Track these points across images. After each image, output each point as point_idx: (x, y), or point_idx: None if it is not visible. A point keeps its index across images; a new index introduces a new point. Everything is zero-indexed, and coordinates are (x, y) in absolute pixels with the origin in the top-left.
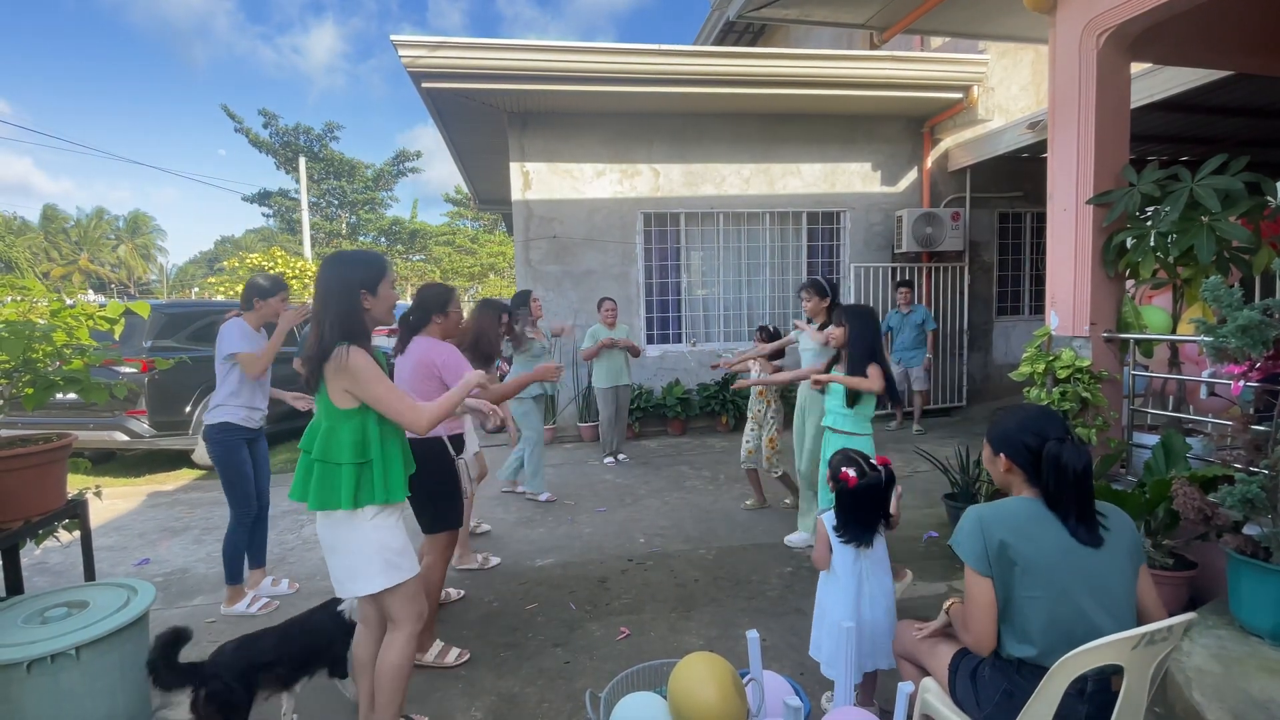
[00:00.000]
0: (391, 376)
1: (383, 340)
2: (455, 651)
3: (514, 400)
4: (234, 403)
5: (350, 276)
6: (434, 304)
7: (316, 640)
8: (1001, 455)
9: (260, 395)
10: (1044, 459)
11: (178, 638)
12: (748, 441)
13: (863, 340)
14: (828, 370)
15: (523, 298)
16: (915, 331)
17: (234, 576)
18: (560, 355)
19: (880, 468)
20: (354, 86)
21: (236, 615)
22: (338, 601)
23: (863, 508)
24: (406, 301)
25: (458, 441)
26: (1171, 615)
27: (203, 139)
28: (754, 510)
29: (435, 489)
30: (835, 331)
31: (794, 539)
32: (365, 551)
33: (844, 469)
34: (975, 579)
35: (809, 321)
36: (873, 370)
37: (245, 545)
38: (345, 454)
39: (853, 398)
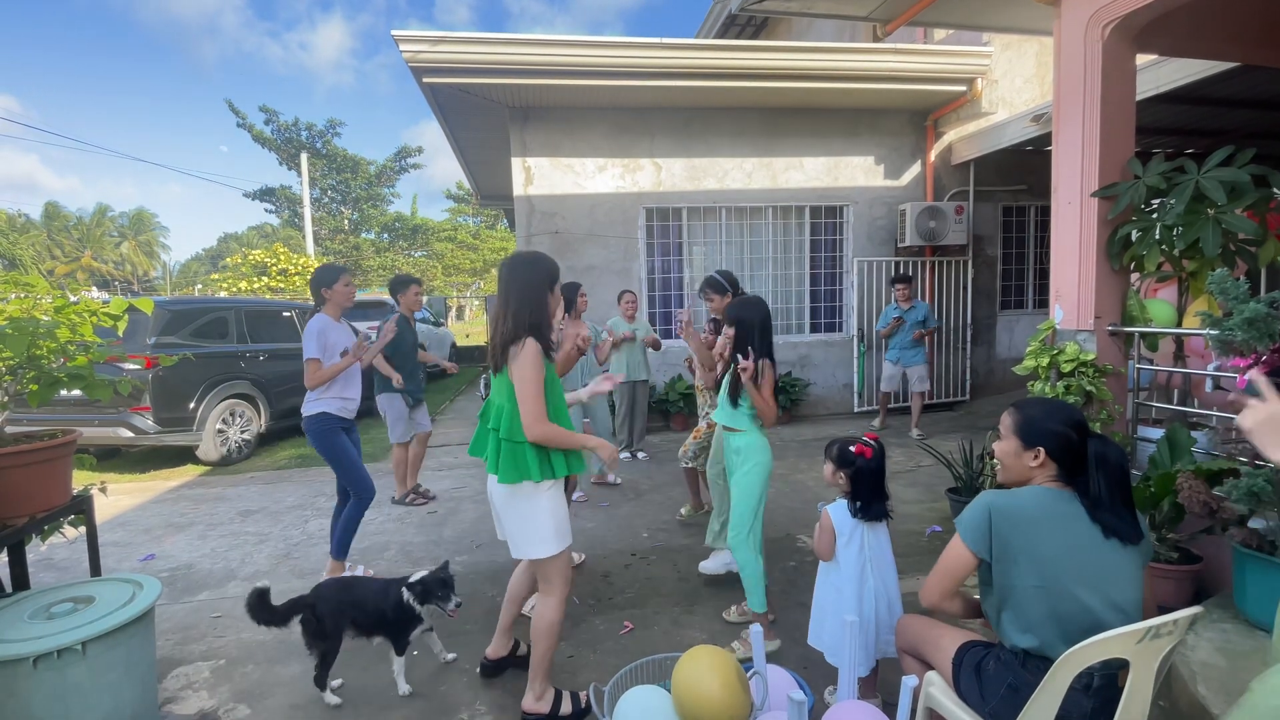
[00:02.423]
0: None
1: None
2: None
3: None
4: (328, 394)
5: (541, 276)
6: (570, 297)
7: (383, 610)
8: (1040, 450)
9: (352, 387)
10: (1090, 459)
11: (260, 595)
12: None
13: (751, 335)
14: (730, 364)
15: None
16: (914, 329)
17: (341, 552)
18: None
19: (871, 441)
20: (361, 83)
21: None
22: (404, 581)
23: (877, 479)
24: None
25: None
26: (1177, 609)
27: (207, 136)
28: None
29: None
30: (728, 332)
31: (709, 566)
32: (540, 520)
33: (852, 446)
34: (961, 549)
35: (712, 321)
36: (765, 365)
37: (358, 524)
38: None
39: (735, 394)
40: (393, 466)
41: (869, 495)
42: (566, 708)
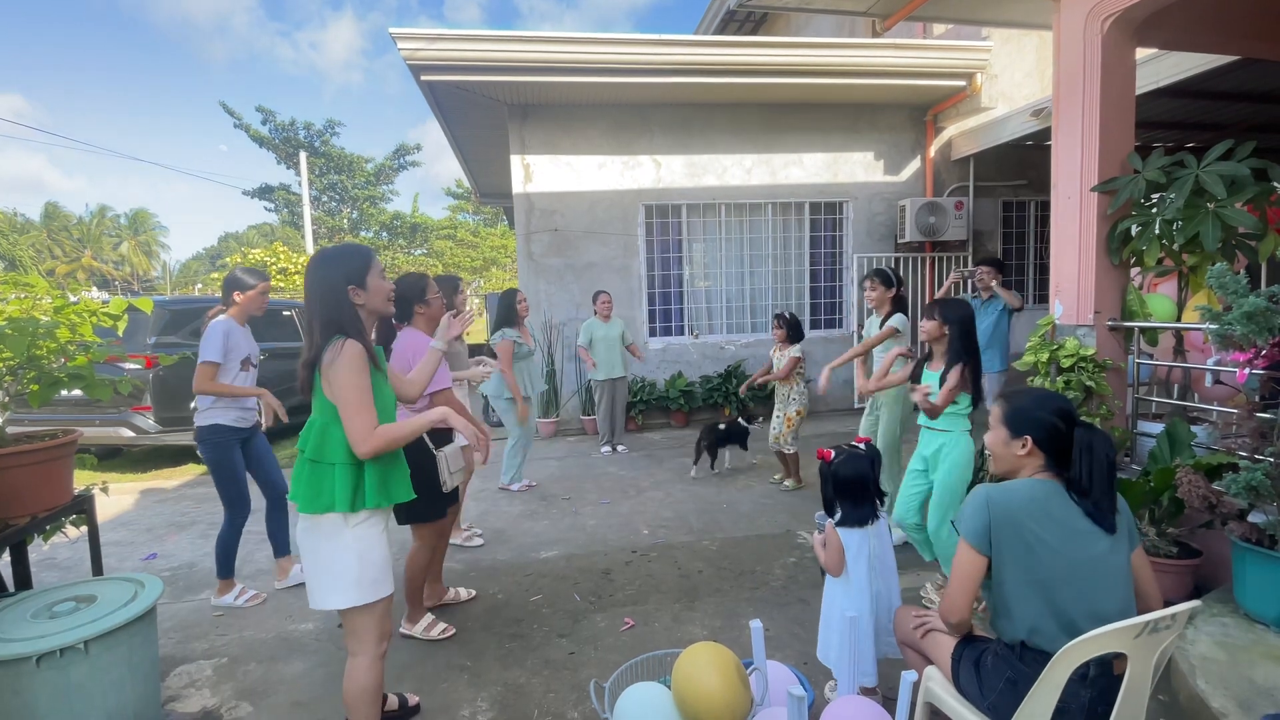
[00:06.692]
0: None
1: None
2: (441, 626)
3: (498, 400)
4: (222, 404)
5: (336, 274)
6: (413, 293)
7: (733, 431)
8: (1027, 438)
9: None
10: (1077, 446)
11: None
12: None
13: (959, 340)
14: (918, 368)
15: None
16: (995, 322)
17: (225, 571)
18: (561, 349)
19: (860, 446)
20: (368, 82)
21: (225, 607)
22: (736, 419)
23: (846, 486)
24: None
25: (438, 434)
26: (1176, 603)
27: (208, 135)
28: (789, 492)
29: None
30: (926, 327)
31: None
32: (343, 562)
33: (821, 448)
34: (969, 553)
35: (870, 313)
36: (954, 373)
37: (236, 544)
38: (339, 453)
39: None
40: None
41: (846, 501)
42: None
